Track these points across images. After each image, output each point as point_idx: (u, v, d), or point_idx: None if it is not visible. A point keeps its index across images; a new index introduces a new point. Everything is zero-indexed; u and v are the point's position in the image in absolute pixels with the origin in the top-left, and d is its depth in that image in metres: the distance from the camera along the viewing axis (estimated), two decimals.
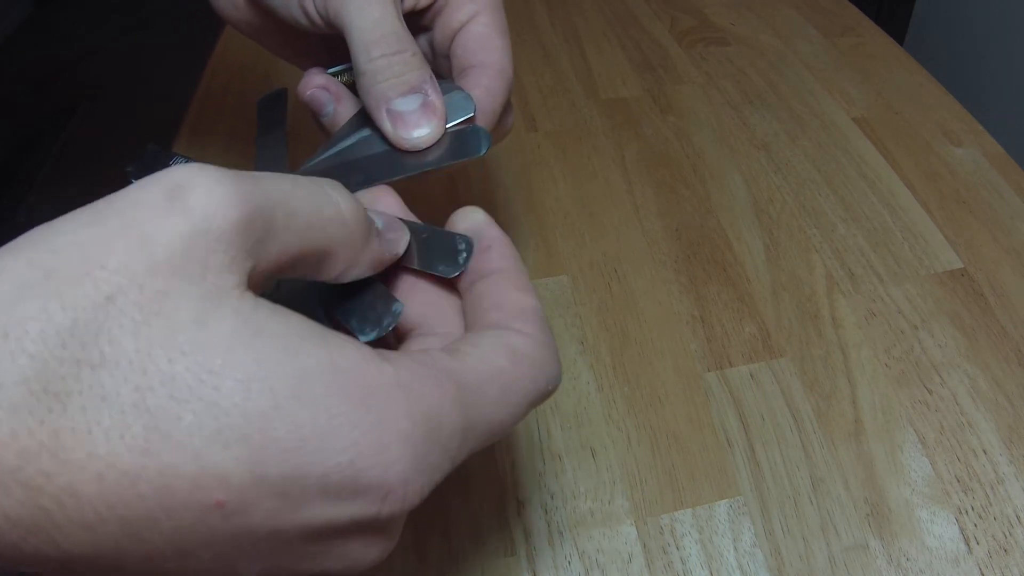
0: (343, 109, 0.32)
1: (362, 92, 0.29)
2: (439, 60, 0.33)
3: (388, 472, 0.18)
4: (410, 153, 0.29)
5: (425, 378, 0.19)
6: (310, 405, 0.17)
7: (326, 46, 0.35)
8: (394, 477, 0.18)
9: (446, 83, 0.30)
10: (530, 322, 0.23)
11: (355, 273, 0.22)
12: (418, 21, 0.32)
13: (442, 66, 0.33)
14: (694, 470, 0.37)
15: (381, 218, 0.24)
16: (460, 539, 0.35)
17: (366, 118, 0.30)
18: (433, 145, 0.29)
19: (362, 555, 0.19)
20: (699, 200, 0.51)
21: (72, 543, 0.16)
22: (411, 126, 0.29)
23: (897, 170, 0.53)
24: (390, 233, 0.24)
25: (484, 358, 0.21)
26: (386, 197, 0.27)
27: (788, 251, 0.47)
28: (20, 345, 0.15)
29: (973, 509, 0.35)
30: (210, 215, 0.17)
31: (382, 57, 0.28)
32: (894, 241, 0.48)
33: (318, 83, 0.32)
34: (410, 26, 0.29)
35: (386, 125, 0.29)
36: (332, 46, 0.34)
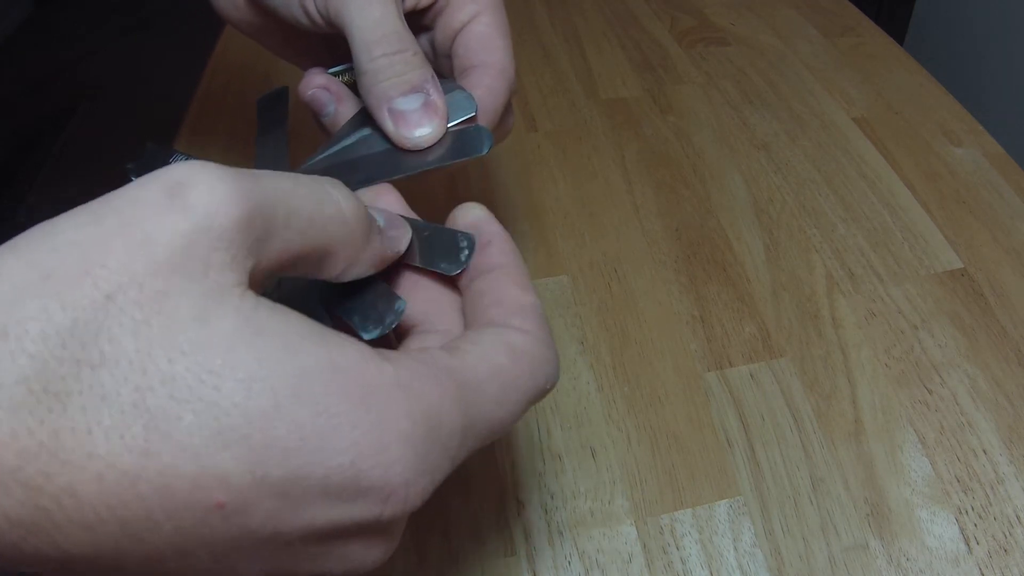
0: (344, 109, 0.32)
1: (363, 91, 0.29)
2: (440, 60, 0.33)
3: (389, 473, 0.18)
4: (411, 152, 0.29)
5: (425, 377, 0.19)
6: (310, 405, 0.17)
7: (327, 46, 0.35)
8: (396, 478, 0.18)
9: (447, 82, 0.30)
10: (529, 319, 0.23)
11: (356, 272, 0.22)
12: (419, 21, 0.32)
13: (443, 66, 0.33)
14: (694, 470, 0.37)
15: (382, 216, 0.24)
16: (460, 539, 0.35)
17: (367, 118, 0.30)
18: (435, 144, 0.29)
19: (363, 556, 0.19)
20: (699, 200, 0.51)
21: (72, 543, 0.16)
22: (413, 125, 0.28)
23: (897, 170, 0.53)
24: (391, 231, 0.23)
25: (484, 356, 0.21)
26: (387, 195, 0.27)
27: (788, 251, 0.47)
28: (20, 345, 0.15)
29: (973, 509, 0.35)
30: (211, 213, 0.17)
31: (383, 56, 0.28)
32: (894, 241, 0.48)
33: (319, 83, 0.32)
34: (411, 25, 0.29)
35: (388, 124, 0.29)
36: (333, 46, 0.34)
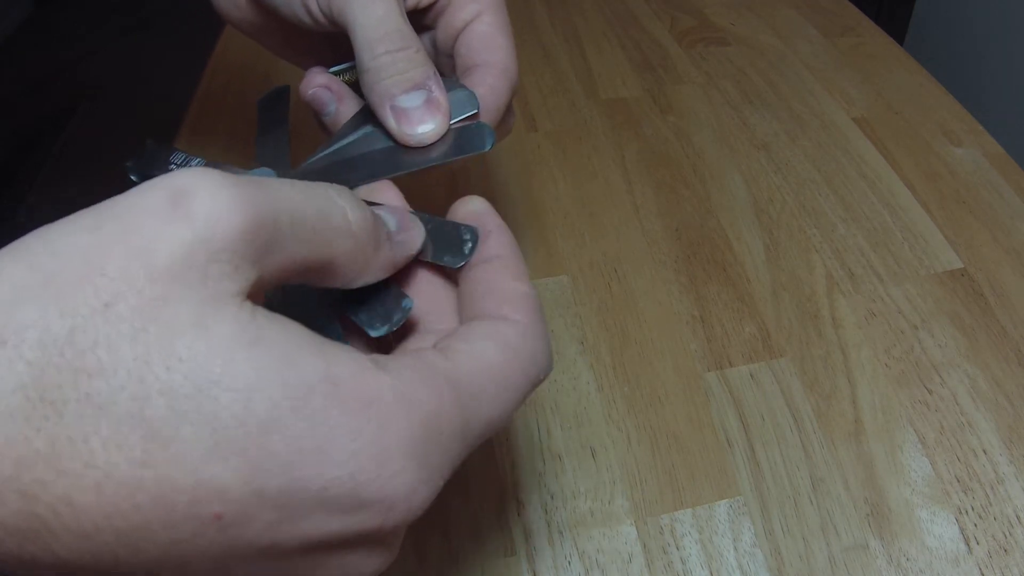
0: (345, 108, 0.32)
1: (366, 89, 0.29)
2: (441, 59, 0.33)
3: (390, 485, 0.17)
4: (413, 149, 0.29)
5: (422, 384, 0.19)
6: (308, 417, 0.16)
7: (327, 45, 0.35)
8: (398, 490, 0.17)
9: (449, 80, 0.30)
10: (522, 309, 0.22)
11: (366, 279, 0.21)
12: (421, 20, 0.32)
13: (444, 65, 0.33)
14: (694, 470, 0.37)
15: (394, 218, 0.23)
16: (460, 539, 0.35)
17: (368, 116, 0.30)
18: (437, 141, 0.29)
19: (363, 566, 0.19)
20: (699, 200, 0.51)
21: (69, 552, 0.15)
22: (415, 122, 0.28)
23: (897, 170, 0.53)
24: (402, 234, 0.23)
25: (475, 355, 0.21)
26: (386, 191, 0.27)
27: (788, 251, 0.47)
28: (18, 352, 0.15)
29: (973, 509, 0.35)
30: (213, 222, 0.16)
31: (386, 54, 0.28)
32: (894, 241, 0.48)
33: (320, 82, 0.32)
34: (413, 24, 0.29)
35: (390, 121, 0.29)
36: (334, 45, 0.34)
